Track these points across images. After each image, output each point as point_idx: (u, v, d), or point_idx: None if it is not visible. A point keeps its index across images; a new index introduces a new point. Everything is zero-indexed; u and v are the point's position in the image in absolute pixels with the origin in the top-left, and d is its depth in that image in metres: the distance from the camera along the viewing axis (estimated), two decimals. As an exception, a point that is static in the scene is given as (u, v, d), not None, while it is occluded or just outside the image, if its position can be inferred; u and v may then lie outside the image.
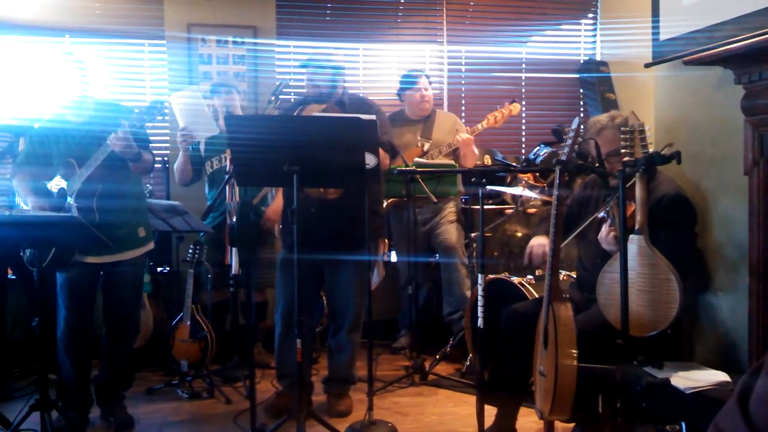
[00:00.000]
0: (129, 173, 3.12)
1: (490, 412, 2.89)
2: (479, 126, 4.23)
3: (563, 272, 3.48)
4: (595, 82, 4.97)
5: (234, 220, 3.48)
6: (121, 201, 3.11)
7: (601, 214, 2.83)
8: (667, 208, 2.70)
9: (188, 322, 3.90)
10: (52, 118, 3.17)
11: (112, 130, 2.90)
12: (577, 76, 5.17)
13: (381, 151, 3.06)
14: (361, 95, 3.88)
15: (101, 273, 3.17)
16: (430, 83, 4.38)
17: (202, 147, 4.01)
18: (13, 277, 3.86)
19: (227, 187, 3.46)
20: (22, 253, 2.83)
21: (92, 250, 3.02)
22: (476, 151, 4.22)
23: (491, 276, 3.68)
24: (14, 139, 3.86)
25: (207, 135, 3.69)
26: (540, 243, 3.08)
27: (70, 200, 3.02)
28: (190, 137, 3.63)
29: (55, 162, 3.09)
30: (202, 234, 4.06)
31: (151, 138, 3.28)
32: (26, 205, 3.13)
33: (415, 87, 4.28)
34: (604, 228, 2.74)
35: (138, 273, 3.33)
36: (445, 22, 5.04)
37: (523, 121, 5.13)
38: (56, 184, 3.09)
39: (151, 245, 3.32)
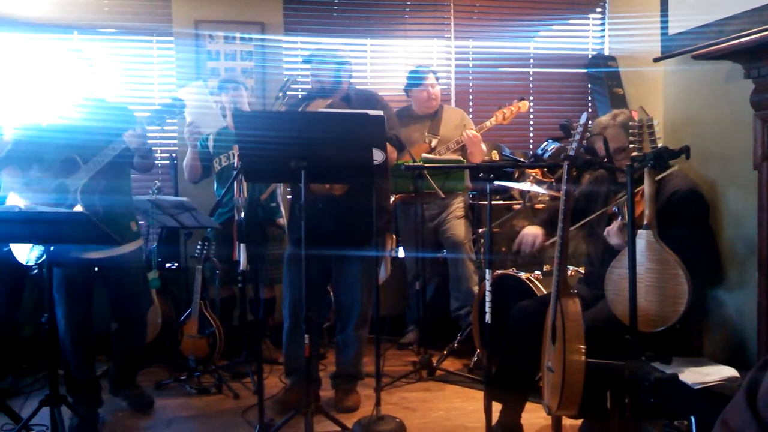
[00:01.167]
0: (124, 170, 3.14)
1: (498, 408, 2.90)
2: (487, 123, 4.23)
3: (571, 268, 3.47)
4: (603, 77, 4.95)
5: (242, 216, 3.49)
6: (119, 197, 3.13)
7: (613, 209, 2.82)
8: (680, 203, 2.69)
9: (196, 318, 3.92)
10: (57, 115, 3.17)
11: (119, 130, 2.92)
12: (585, 71, 5.15)
13: (388, 146, 3.06)
14: (367, 90, 3.86)
15: (96, 269, 3.17)
16: (438, 79, 4.36)
17: (210, 144, 4.03)
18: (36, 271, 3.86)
19: (235, 183, 3.47)
20: (6, 248, 2.82)
21: (93, 246, 3.03)
22: (484, 147, 4.21)
23: (499, 271, 3.68)
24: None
25: (214, 130, 3.70)
26: (533, 232, 3.08)
27: (74, 195, 3.02)
28: (198, 132, 3.64)
29: (48, 158, 3.06)
30: (210, 230, 4.08)
31: (158, 135, 3.29)
32: (22, 198, 3.07)
33: (422, 85, 4.26)
34: (615, 222, 2.73)
35: (137, 267, 3.35)
36: (452, 17, 5.03)
37: (531, 116, 5.11)
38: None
39: (141, 241, 3.34)
